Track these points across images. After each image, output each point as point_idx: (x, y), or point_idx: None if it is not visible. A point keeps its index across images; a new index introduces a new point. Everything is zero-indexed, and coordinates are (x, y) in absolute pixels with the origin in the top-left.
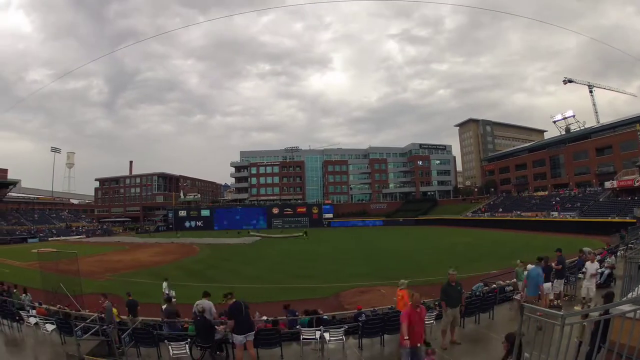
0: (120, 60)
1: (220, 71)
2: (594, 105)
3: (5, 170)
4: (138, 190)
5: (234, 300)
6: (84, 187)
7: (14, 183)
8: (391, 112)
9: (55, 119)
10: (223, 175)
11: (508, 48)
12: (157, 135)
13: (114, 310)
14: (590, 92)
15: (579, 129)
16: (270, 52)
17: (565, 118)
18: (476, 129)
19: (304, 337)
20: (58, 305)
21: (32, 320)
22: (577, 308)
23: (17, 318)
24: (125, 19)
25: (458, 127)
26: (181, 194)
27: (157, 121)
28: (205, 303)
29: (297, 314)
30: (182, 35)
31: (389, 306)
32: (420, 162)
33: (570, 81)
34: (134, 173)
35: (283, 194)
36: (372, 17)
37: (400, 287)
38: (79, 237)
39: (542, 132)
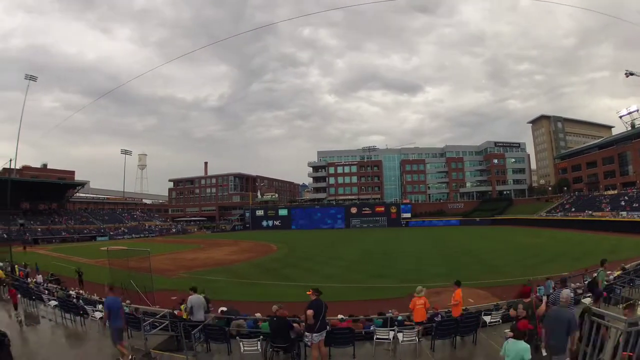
0: (249, 61)
1: (349, 80)
2: None
3: (72, 172)
4: (214, 190)
5: (316, 298)
6: (161, 189)
7: (82, 184)
8: (491, 117)
9: (166, 123)
10: (301, 175)
11: (602, 61)
12: (266, 138)
13: (183, 306)
14: None
15: None
16: (399, 68)
17: (630, 113)
18: (548, 126)
19: (377, 337)
20: (127, 301)
21: (98, 314)
22: None
23: (80, 312)
24: (263, 12)
25: (531, 124)
26: (258, 194)
27: (269, 125)
28: (194, 299)
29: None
30: (321, 48)
31: (464, 307)
32: (495, 161)
33: (631, 74)
34: (209, 174)
35: (361, 193)
36: (494, 38)
37: (419, 294)
38: (152, 235)
39: (609, 127)
